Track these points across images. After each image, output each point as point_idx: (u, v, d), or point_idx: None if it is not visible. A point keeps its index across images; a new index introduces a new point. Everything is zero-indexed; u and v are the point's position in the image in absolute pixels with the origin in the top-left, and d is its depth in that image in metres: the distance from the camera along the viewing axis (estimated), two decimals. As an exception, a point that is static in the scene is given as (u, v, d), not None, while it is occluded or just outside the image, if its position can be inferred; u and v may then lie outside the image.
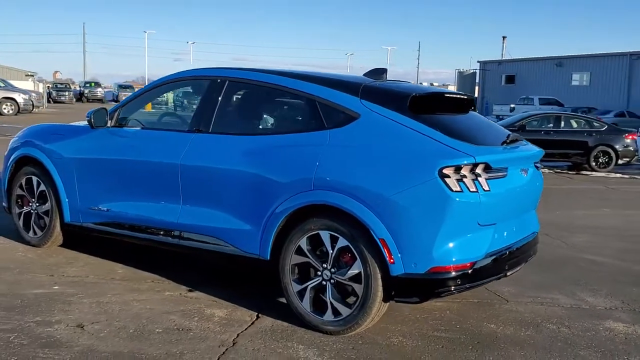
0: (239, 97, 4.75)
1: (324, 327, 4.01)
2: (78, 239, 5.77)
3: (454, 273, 3.72)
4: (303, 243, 4.07)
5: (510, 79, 47.22)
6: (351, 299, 3.98)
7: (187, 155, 4.60)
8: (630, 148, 16.70)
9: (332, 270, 3.98)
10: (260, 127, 4.70)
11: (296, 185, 4.06)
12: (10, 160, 5.93)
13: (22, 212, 5.89)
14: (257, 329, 4.09)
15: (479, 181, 3.74)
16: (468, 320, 4.42)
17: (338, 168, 3.92)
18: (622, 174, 16.21)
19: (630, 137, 16.86)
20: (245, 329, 4.07)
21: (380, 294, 3.83)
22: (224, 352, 3.70)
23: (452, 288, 3.76)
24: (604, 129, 16.91)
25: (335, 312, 3.97)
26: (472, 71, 50.35)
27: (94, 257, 5.59)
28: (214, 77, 4.79)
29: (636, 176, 15.90)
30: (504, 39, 52.11)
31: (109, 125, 5.17)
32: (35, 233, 5.80)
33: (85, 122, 5.77)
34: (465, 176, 3.68)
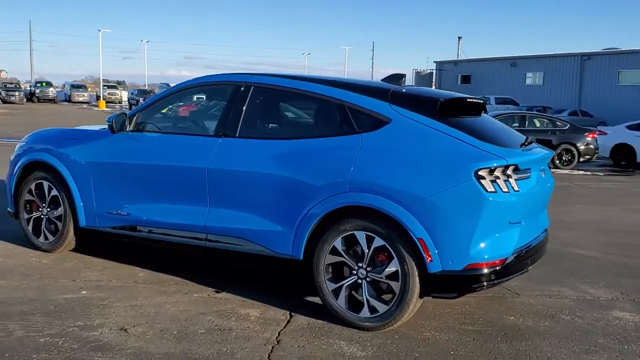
0: (266, 102, 4.87)
1: (360, 323, 4.19)
2: (88, 243, 5.78)
3: (486, 270, 3.95)
4: (338, 243, 4.24)
5: (466, 79, 48.28)
6: (387, 296, 4.17)
7: (215, 159, 4.69)
8: (591, 146, 17.43)
9: (368, 269, 4.16)
10: (290, 131, 4.83)
11: (331, 187, 4.21)
12: (18, 165, 5.89)
13: (31, 217, 5.85)
14: (294, 327, 4.24)
15: (510, 182, 3.98)
16: (489, 314, 4.67)
17: (374, 171, 4.10)
18: (585, 170, 16.92)
19: (591, 135, 17.61)
20: (284, 328, 4.21)
21: (417, 290, 4.03)
22: (271, 350, 3.83)
23: (485, 284, 3.99)
24: (566, 127, 17.60)
25: (372, 309, 4.15)
26: (429, 71, 51.27)
27: (109, 261, 5.61)
28: (238, 83, 4.89)
29: (598, 173, 16.63)
30: (459, 40, 53.23)
31: (128, 129, 5.21)
32: (46, 238, 5.77)
33: (95, 127, 5.83)
34: (498, 177, 3.92)
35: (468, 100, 4.56)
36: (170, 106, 5.57)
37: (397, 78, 4.90)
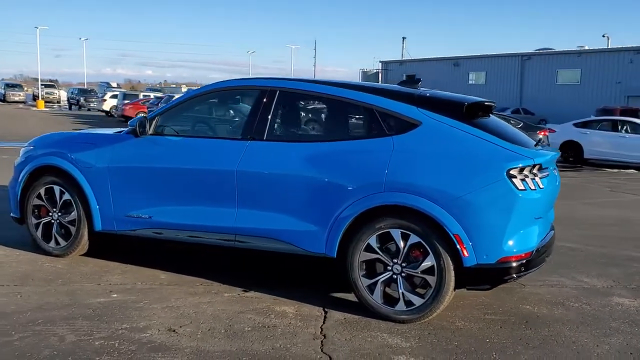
0: (293, 106, 5.03)
1: (396, 316, 4.42)
2: (101, 247, 5.79)
3: (516, 263, 4.26)
4: (373, 241, 4.45)
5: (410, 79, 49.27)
6: (421, 290, 4.41)
7: (244, 162, 4.81)
8: (544, 143, 18.24)
9: (403, 264, 4.39)
10: (319, 134, 5.00)
11: (366, 188, 4.42)
12: (26, 170, 5.82)
13: (40, 222, 5.80)
14: (333, 322, 4.42)
15: (536, 180, 4.30)
16: (505, 304, 4.98)
17: (409, 171, 4.34)
18: (538, 167, 17.71)
19: (543, 133, 18.44)
20: (324, 323, 4.40)
21: (452, 283, 4.29)
22: (322, 344, 4.01)
23: (515, 275, 4.30)
24: (519, 126, 18.34)
25: (408, 303, 4.38)
26: (375, 71, 52.10)
27: (124, 264, 5.63)
28: (264, 88, 5.03)
29: (550, 169, 17.43)
30: (403, 40, 54.26)
31: (148, 133, 5.26)
32: (57, 243, 5.74)
33: (106, 130, 5.83)
34: (527, 176, 4.23)
35: (486, 103, 4.86)
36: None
37: (414, 82, 5.15)
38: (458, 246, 4.20)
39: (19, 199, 5.90)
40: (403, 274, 4.40)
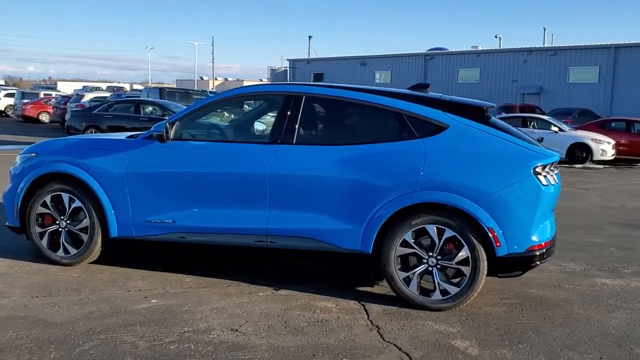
0: (320, 111, 5.26)
1: (432, 305, 4.79)
2: (112, 254, 5.74)
3: (539, 251, 4.76)
4: (408, 236, 4.79)
5: (318, 77, 50.07)
6: (455, 279, 4.81)
7: (275, 165, 4.99)
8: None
9: (438, 257, 4.76)
10: (350, 138, 5.22)
11: (402, 187, 4.76)
12: (27, 178, 5.66)
13: (46, 231, 5.66)
14: (376, 314, 4.72)
15: (553, 176, 4.81)
16: (513, 289, 5.49)
17: (444, 171, 4.72)
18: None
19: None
20: (368, 315, 4.68)
21: (485, 272, 4.72)
22: (379, 334, 4.30)
23: (538, 263, 4.80)
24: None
25: (444, 292, 4.77)
26: (283, 69, 52.47)
27: (142, 270, 5.62)
28: (289, 93, 5.23)
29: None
30: (309, 39, 54.96)
31: (170, 138, 5.28)
32: (66, 252, 5.63)
33: (116, 135, 5.79)
34: (548, 172, 4.74)
35: (492, 106, 5.33)
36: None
37: (423, 87, 5.54)
38: (492, 238, 4.63)
39: (19, 208, 5.71)
40: (438, 266, 4.77)
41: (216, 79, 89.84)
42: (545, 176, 4.72)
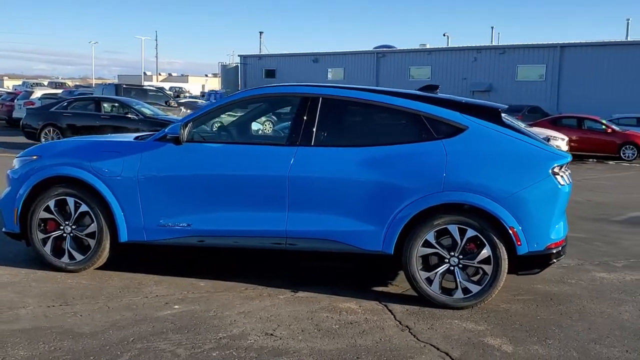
0: (338, 112, 5.24)
1: (454, 304, 4.88)
2: (119, 258, 5.60)
3: (556, 249, 4.92)
4: (430, 236, 4.87)
5: (270, 73, 49.85)
6: (475, 278, 4.91)
7: (295, 167, 4.98)
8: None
9: (460, 256, 4.85)
10: (369, 139, 5.21)
11: (424, 188, 4.82)
12: (29, 182, 5.45)
13: (49, 236, 5.46)
14: (401, 314, 4.78)
15: (568, 176, 4.98)
16: (522, 286, 5.65)
17: (466, 172, 4.81)
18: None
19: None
20: (394, 315, 4.73)
21: (506, 270, 4.84)
22: (412, 334, 4.36)
23: (555, 260, 4.96)
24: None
25: (465, 291, 4.86)
26: (234, 65, 51.96)
27: (152, 275, 5.50)
28: (305, 95, 5.22)
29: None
30: (260, 35, 54.61)
31: (183, 140, 5.18)
32: (71, 258, 5.45)
33: (124, 136, 5.66)
34: (564, 172, 4.90)
35: (506, 108, 5.46)
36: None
37: (432, 88, 5.63)
38: (513, 237, 4.75)
39: (19, 213, 5.49)
40: (460, 265, 4.86)
41: (160, 74, 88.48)
42: (562, 176, 4.88)
